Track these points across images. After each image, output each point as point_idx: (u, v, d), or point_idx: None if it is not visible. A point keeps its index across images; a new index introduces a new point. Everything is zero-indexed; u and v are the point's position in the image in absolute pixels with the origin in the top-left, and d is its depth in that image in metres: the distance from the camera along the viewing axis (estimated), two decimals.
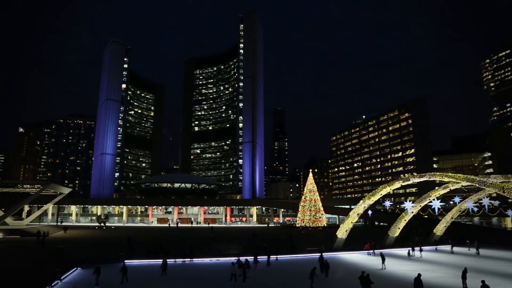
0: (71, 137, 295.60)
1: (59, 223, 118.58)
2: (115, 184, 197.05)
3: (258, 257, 37.56)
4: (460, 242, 59.45)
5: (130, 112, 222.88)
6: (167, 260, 33.86)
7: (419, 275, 25.26)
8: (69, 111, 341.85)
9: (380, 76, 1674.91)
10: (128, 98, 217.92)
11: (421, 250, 48.44)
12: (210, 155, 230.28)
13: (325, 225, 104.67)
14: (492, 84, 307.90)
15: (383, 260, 38.03)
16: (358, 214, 50.81)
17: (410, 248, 48.05)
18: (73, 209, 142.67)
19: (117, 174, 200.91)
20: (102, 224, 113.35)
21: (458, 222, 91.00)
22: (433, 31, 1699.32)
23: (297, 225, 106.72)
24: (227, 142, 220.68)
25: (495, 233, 76.42)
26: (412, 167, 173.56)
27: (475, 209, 58.12)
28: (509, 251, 53.18)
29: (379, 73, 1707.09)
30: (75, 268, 35.12)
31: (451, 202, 72.10)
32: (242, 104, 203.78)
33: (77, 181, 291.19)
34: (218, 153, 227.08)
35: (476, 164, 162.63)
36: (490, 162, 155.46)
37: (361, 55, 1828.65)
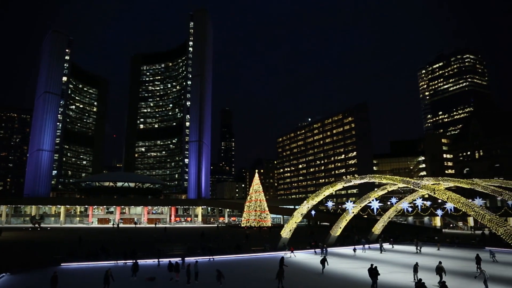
0: (3, 131, 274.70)
1: None
2: (52, 182, 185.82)
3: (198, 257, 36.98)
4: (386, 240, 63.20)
5: (71, 107, 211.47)
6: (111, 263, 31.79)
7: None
8: (1, 103, 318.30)
9: (327, 81, 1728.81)
10: (69, 92, 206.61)
11: (325, 250, 46.74)
12: (155, 154, 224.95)
13: (270, 225, 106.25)
14: (427, 93, 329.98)
15: (323, 262, 35.45)
16: (302, 214, 52.16)
17: (321, 249, 47.95)
18: (3, 209, 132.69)
19: (54, 172, 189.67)
20: (37, 225, 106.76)
21: (394, 222, 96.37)
22: (379, 40, 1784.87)
23: (242, 225, 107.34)
24: (173, 141, 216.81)
25: (426, 231, 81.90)
26: (353, 169, 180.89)
27: (410, 209, 61.82)
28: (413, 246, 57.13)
29: (327, 78, 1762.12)
30: (3, 274, 32.34)
31: (389, 203, 76.09)
32: (189, 103, 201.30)
33: (8, 179, 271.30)
34: (164, 152, 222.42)
35: (411, 167, 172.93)
36: (424, 165, 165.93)
37: (310, 60, 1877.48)
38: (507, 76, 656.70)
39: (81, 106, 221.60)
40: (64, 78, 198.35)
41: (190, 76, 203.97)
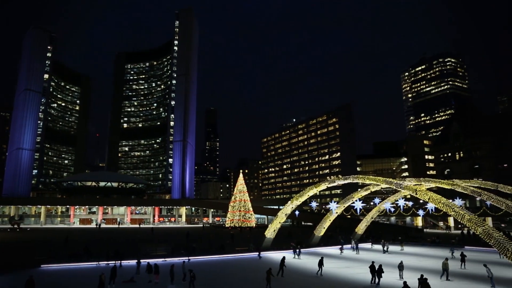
0: None
1: None
2: (33, 182, 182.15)
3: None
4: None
5: (53, 105, 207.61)
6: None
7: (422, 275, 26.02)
8: None
9: (313, 82, 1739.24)
10: (51, 89, 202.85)
11: (299, 251, 46.67)
12: (139, 153, 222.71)
13: (254, 225, 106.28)
14: (410, 95, 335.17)
15: (320, 264, 34.26)
16: (286, 214, 52.30)
17: (295, 250, 47.22)
18: None
19: (35, 171, 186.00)
20: (16, 226, 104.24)
21: (377, 222, 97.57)
22: (365, 42, 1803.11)
23: (226, 225, 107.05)
24: (157, 141, 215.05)
25: (408, 231, 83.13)
26: (337, 169, 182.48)
27: (392, 209, 62.71)
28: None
29: (312, 79, 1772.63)
30: None
31: (372, 203, 76.97)
32: (174, 102, 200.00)
33: None
34: (148, 152, 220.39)
35: (394, 168, 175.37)
36: (406, 166, 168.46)
37: (296, 61, 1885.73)
38: (487, 79, 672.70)
39: (63, 104, 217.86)
40: (46, 76, 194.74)
41: (175, 75, 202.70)
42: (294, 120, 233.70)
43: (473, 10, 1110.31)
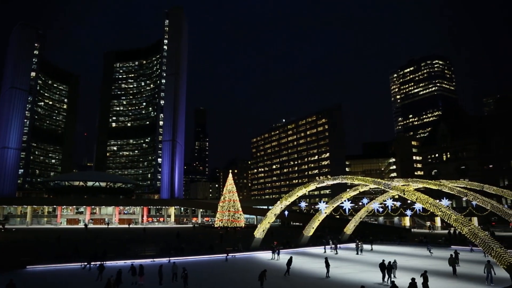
0: None
1: None
2: (19, 181, 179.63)
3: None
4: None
5: (40, 103, 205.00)
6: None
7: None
8: None
9: (303, 83, 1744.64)
10: (38, 87, 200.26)
11: (278, 253, 45.22)
12: (127, 153, 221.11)
13: (243, 225, 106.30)
14: (398, 97, 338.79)
15: (327, 266, 32.97)
16: (275, 214, 52.39)
17: (274, 250, 45.71)
18: None
19: (21, 171, 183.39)
20: (0, 226, 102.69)
21: (366, 222, 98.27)
22: (355, 43, 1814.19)
23: (215, 225, 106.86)
24: (146, 140, 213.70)
25: (396, 231, 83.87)
26: (326, 170, 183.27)
27: (380, 209, 63.14)
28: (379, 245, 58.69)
29: (303, 80, 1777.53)
30: None
31: (360, 203, 77.37)
32: (163, 102, 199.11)
33: None
34: (137, 151, 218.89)
35: (382, 168, 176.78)
36: (394, 166, 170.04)
37: (286, 61, 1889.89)
38: (475, 81, 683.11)
39: (51, 102, 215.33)
40: (33, 74, 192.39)
41: (165, 74, 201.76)
42: (284, 120, 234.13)
43: (470, 10, 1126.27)
